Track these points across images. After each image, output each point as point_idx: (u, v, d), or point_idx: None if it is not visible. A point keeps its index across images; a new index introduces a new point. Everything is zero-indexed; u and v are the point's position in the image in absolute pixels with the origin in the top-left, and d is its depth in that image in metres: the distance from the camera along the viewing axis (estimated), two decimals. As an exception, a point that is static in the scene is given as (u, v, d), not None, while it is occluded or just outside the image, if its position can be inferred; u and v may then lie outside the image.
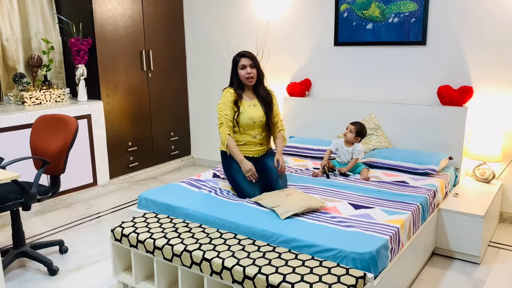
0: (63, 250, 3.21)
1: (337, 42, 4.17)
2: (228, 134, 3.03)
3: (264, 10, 4.55)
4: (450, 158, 3.54)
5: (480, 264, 3.00)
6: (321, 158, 3.83)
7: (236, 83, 3.10)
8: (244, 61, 3.04)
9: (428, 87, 3.78)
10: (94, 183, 4.37)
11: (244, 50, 3.13)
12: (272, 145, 3.35)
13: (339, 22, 4.11)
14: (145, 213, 2.79)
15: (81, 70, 4.27)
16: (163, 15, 4.89)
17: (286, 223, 2.48)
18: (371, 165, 3.57)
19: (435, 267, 2.97)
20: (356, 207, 2.75)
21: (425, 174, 3.38)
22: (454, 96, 3.58)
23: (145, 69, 4.76)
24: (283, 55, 4.51)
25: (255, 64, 3.06)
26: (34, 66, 4.19)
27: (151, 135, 4.94)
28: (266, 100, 3.14)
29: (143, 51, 4.72)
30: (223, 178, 3.34)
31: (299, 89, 4.33)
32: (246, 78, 3.05)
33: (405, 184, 3.19)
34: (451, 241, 3.06)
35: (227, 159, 3.10)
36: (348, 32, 4.08)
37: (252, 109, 3.09)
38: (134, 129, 4.74)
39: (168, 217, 2.72)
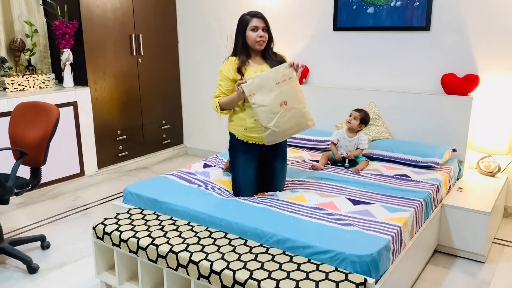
0: (44, 246, 3.03)
1: (336, 27, 3.96)
2: (218, 98, 2.67)
3: (259, -7, 4.32)
4: (454, 150, 3.38)
5: (485, 263, 2.85)
6: (319, 149, 3.66)
7: (241, 47, 2.67)
8: (256, 22, 2.62)
9: (432, 75, 3.59)
10: (81, 173, 4.19)
11: (255, 10, 2.74)
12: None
13: (339, 6, 3.90)
14: (130, 209, 2.61)
15: (67, 55, 4.06)
16: (153, -3, 4.67)
17: (280, 221, 2.30)
18: (370, 157, 3.40)
19: (437, 266, 2.82)
20: (355, 202, 2.59)
21: (428, 167, 3.21)
22: (459, 85, 3.39)
23: (134, 54, 4.55)
24: (280, 41, 4.24)
25: (267, 27, 2.67)
26: (17, 50, 3.96)
27: (141, 123, 4.75)
28: (280, 62, 2.67)
29: (133, 35, 4.50)
30: (214, 166, 3.17)
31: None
32: (256, 41, 2.63)
33: (407, 178, 3.02)
34: (454, 238, 2.90)
35: (236, 146, 2.73)
36: (348, 16, 3.87)
37: None
38: (123, 117, 4.54)
39: (154, 213, 2.54)
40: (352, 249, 2.01)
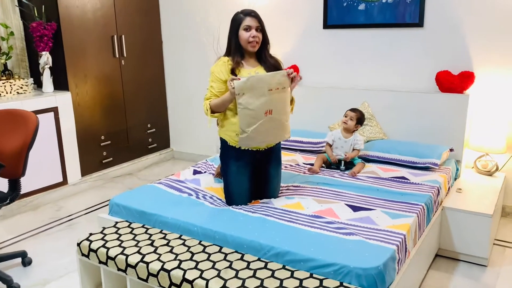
0: (26, 262, 2.85)
1: (326, 25, 3.84)
2: (209, 100, 2.52)
3: (246, -10, 4.18)
4: (451, 150, 3.28)
5: (487, 266, 2.76)
6: (312, 152, 3.54)
7: (234, 47, 2.53)
8: (249, 22, 2.47)
9: (426, 73, 3.50)
10: (64, 182, 4.00)
11: (249, 8, 2.56)
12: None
13: (328, 3, 3.78)
14: (116, 222, 2.45)
15: (46, 58, 3.86)
16: (136, -3, 4.49)
17: (278, 232, 2.17)
18: (366, 159, 3.29)
19: (440, 271, 2.72)
20: (355, 209, 2.47)
21: (425, 168, 3.11)
22: (454, 83, 3.30)
23: (117, 56, 4.36)
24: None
25: (262, 27, 2.52)
26: (-8, 54, 3.76)
27: (126, 127, 4.57)
28: (275, 67, 2.56)
29: (115, 36, 4.32)
30: (204, 172, 3.03)
31: (286, 76, 4.00)
32: (248, 42, 2.48)
33: (405, 181, 2.91)
34: (455, 242, 2.81)
35: (228, 152, 2.58)
36: (338, 13, 3.75)
37: None
38: (107, 122, 4.36)
39: (143, 226, 2.39)
40: (357, 262, 1.89)
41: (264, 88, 2.36)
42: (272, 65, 2.58)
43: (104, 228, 2.37)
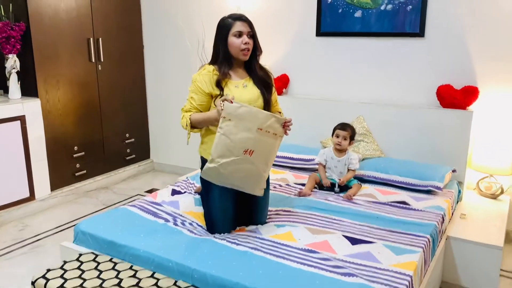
0: (-21, 294, 2.52)
1: (319, 32, 3.57)
2: (189, 113, 2.25)
3: (234, -7, 3.90)
4: (454, 171, 3.04)
5: (496, 303, 2.51)
6: (304, 170, 3.26)
7: (223, 56, 2.24)
8: (240, 27, 2.19)
9: (426, 87, 3.25)
10: (31, 197, 3.65)
11: (238, 13, 2.29)
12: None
13: (322, 9, 3.52)
14: (80, 254, 2.13)
15: (12, 61, 3.52)
16: (115, -3, 4.18)
17: (266, 271, 1.88)
18: (361, 179, 3.02)
19: (444, 309, 2.46)
20: (353, 241, 2.19)
21: (427, 191, 2.85)
22: (457, 98, 3.07)
23: (93, 60, 4.04)
24: (257, 46, 3.87)
25: (253, 33, 2.24)
26: (-48, 56, 3.41)
27: (101, 137, 4.23)
28: (264, 80, 2.33)
29: (91, 39, 3.99)
30: (184, 192, 2.74)
31: (275, 86, 3.69)
32: (241, 50, 2.21)
33: (407, 206, 2.65)
34: (461, 275, 2.55)
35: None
36: (333, 20, 3.49)
37: (241, 91, 2.25)
38: (80, 131, 4.02)
39: (111, 260, 2.08)
40: (359, 313, 1.61)
41: (254, 124, 2.07)
42: (262, 77, 2.31)
43: (65, 262, 2.05)
